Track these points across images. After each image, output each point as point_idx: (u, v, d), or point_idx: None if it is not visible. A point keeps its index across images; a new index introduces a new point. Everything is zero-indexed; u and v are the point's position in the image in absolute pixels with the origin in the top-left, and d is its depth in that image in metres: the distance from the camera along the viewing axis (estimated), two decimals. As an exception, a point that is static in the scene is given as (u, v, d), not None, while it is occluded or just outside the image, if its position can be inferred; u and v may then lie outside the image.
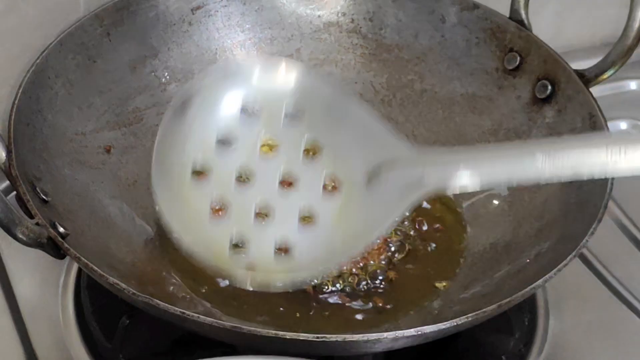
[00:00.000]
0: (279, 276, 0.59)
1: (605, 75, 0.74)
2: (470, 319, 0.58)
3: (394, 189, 0.56)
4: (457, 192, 0.61)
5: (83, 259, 0.59)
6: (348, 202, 0.58)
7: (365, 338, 0.56)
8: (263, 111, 0.60)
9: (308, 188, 0.59)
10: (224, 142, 0.61)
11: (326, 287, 0.71)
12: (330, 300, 0.70)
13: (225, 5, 0.83)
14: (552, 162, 0.50)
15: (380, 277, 0.72)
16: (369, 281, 0.72)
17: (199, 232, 0.61)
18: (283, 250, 0.60)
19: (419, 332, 0.57)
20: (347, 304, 0.70)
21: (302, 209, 0.59)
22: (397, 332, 0.57)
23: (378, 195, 0.56)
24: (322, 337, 0.56)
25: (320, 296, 0.70)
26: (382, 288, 0.72)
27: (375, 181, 0.57)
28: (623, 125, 0.97)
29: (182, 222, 0.61)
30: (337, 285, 0.71)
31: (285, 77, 0.59)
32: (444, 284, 0.72)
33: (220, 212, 0.60)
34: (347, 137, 0.58)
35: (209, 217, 0.61)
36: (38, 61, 0.71)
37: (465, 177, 0.53)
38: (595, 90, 0.74)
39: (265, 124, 0.60)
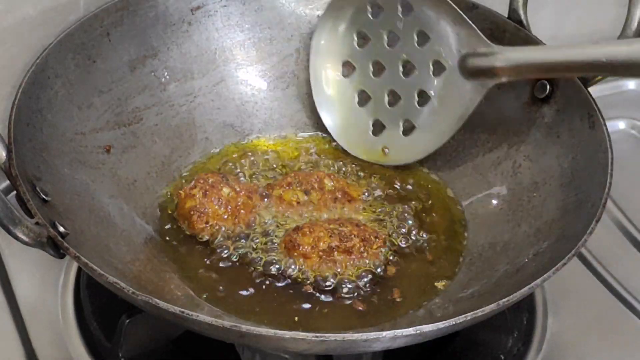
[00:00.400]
0: (406, 154, 0.80)
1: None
2: (468, 318, 0.58)
3: (475, 75, 0.73)
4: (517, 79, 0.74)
5: (83, 258, 0.59)
6: (448, 83, 0.75)
7: (364, 337, 0.56)
8: (385, 9, 0.78)
9: (421, 73, 0.76)
10: (360, 41, 0.81)
11: (326, 286, 0.71)
12: (331, 298, 0.70)
13: (225, 6, 0.83)
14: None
15: (380, 277, 0.72)
16: (369, 280, 0.72)
17: (346, 122, 0.83)
18: (408, 129, 0.80)
19: (418, 331, 0.57)
20: (346, 303, 0.70)
21: (419, 91, 0.78)
22: (396, 331, 0.57)
23: (466, 81, 0.74)
24: (321, 336, 0.56)
25: (320, 295, 0.71)
26: (381, 287, 0.72)
27: (464, 67, 0.73)
28: (621, 124, 0.97)
29: (333, 116, 0.83)
30: (339, 284, 0.71)
31: None
32: (443, 283, 0.73)
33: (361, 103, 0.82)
34: (446, 28, 0.74)
35: (353, 107, 0.82)
36: (38, 61, 0.71)
37: (526, 74, 0.71)
38: (594, 90, 0.74)
39: (386, 19, 0.78)
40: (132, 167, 0.77)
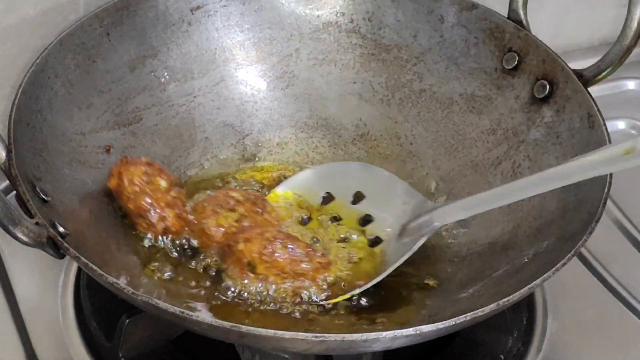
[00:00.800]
0: None
1: (604, 75, 0.74)
2: (468, 318, 0.58)
3: (413, 232, 0.73)
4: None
5: (82, 258, 0.59)
6: (382, 250, 0.74)
7: (364, 337, 0.56)
8: (336, 199, 0.79)
9: (358, 245, 0.75)
10: (303, 220, 0.78)
11: (325, 286, 0.71)
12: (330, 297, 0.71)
13: (225, 6, 0.83)
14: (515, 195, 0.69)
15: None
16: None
17: None
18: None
19: (418, 332, 0.57)
20: (346, 302, 0.70)
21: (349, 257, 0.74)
22: (396, 331, 0.57)
23: (400, 241, 0.74)
24: (321, 337, 0.56)
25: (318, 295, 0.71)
26: (380, 287, 0.72)
27: (402, 233, 0.74)
28: (621, 124, 0.97)
29: None
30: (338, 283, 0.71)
31: (353, 175, 0.80)
32: (434, 281, 0.73)
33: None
34: (393, 208, 0.76)
35: None
36: (38, 61, 0.71)
37: (458, 216, 0.72)
38: (594, 90, 0.74)
39: (335, 205, 0.78)
40: (132, 167, 0.77)
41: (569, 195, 0.71)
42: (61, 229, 0.62)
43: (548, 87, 0.76)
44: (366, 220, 0.77)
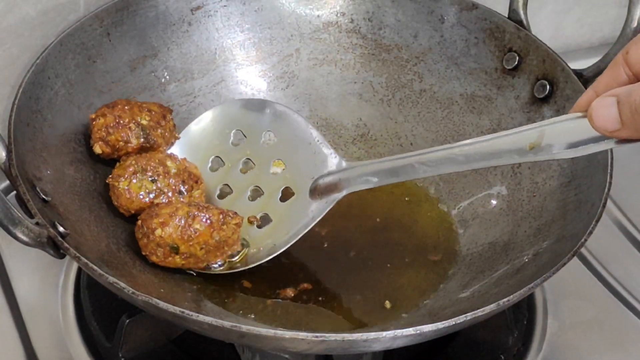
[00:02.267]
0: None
1: (604, 75, 0.74)
2: (468, 318, 0.58)
3: (324, 191, 0.71)
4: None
5: (82, 258, 0.59)
6: (293, 206, 0.72)
7: (364, 337, 0.56)
8: (248, 138, 0.76)
9: (268, 199, 0.74)
10: (214, 165, 0.76)
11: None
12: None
13: (225, 6, 0.83)
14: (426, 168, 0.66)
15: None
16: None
17: None
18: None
19: (418, 331, 0.57)
20: (345, 301, 0.70)
21: (263, 212, 0.74)
22: (396, 331, 0.57)
23: (312, 201, 0.72)
24: (320, 337, 0.56)
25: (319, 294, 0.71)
26: (380, 285, 0.72)
27: (313, 189, 0.72)
28: (621, 124, 0.97)
29: None
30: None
31: (265, 115, 0.76)
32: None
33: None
34: (304, 156, 0.73)
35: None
36: (38, 61, 0.71)
37: (367, 183, 0.69)
38: (594, 90, 0.74)
39: (246, 146, 0.76)
40: (132, 167, 0.77)
41: (569, 195, 0.71)
42: (61, 229, 0.62)
43: (548, 87, 0.76)
44: (278, 166, 0.75)
